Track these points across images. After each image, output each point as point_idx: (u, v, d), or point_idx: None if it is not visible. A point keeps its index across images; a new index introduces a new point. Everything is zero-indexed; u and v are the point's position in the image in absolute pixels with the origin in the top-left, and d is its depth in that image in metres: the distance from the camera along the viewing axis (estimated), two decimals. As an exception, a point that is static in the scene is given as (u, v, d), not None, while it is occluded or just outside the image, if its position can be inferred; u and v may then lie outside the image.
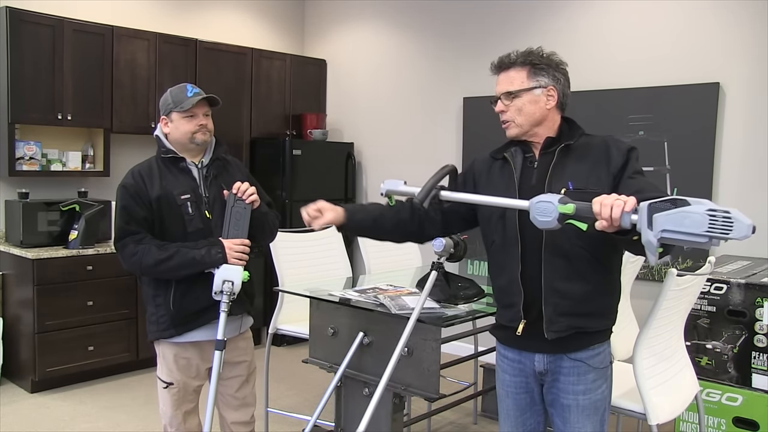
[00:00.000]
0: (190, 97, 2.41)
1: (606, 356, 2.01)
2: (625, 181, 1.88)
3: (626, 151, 1.93)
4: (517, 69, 1.97)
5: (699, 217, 1.49)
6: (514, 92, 1.96)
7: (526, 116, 1.96)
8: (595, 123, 4.37)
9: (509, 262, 1.98)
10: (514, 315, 1.99)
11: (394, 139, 5.63)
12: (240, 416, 2.62)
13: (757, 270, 3.37)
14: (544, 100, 1.96)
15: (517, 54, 1.99)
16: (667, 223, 1.52)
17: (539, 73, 1.96)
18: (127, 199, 2.39)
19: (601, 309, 1.98)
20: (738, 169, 3.93)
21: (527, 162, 2.01)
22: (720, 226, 1.49)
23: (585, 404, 1.97)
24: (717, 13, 3.98)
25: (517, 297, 1.97)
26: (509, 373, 2.09)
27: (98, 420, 3.80)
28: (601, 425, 2.00)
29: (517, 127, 1.98)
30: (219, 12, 5.62)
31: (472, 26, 5.09)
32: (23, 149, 4.36)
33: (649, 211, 1.55)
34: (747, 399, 3.14)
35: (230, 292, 2.35)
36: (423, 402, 3.67)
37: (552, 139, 1.98)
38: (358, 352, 2.59)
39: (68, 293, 4.22)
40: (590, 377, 1.97)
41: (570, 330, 1.92)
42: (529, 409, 2.08)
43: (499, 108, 2.00)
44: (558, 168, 1.94)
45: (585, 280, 1.91)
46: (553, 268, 1.91)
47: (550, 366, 1.99)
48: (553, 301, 1.91)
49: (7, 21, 4.17)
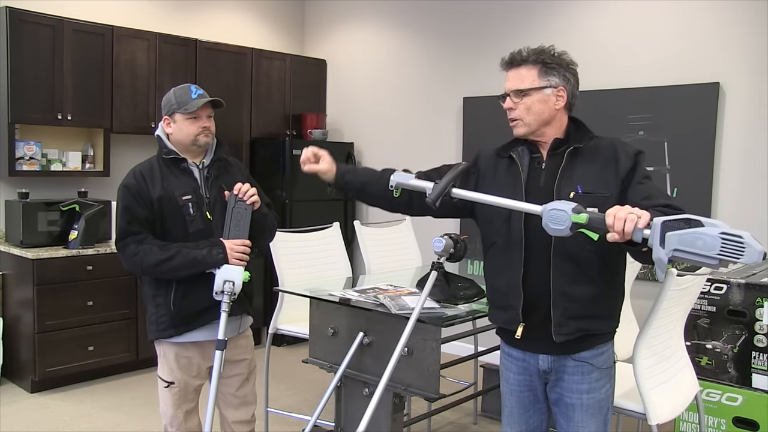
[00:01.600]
0: (194, 99, 2.41)
1: (610, 356, 2.01)
2: (635, 187, 1.87)
3: (634, 155, 1.92)
4: (528, 67, 1.95)
5: (711, 240, 1.51)
6: (524, 90, 1.94)
7: (534, 115, 1.95)
8: (595, 123, 4.33)
9: (511, 264, 1.97)
10: (511, 317, 1.99)
11: (394, 139, 5.63)
12: (240, 415, 2.62)
13: (757, 270, 3.36)
14: (553, 100, 1.95)
15: (529, 51, 1.97)
16: (679, 243, 1.54)
17: (550, 72, 1.95)
18: (129, 199, 2.39)
19: (608, 311, 1.98)
20: (738, 169, 3.93)
21: (534, 163, 2.00)
22: (731, 250, 1.50)
23: (589, 403, 1.97)
24: (717, 13, 3.98)
25: (515, 300, 1.96)
26: (513, 371, 2.09)
27: (98, 420, 3.80)
28: (604, 425, 2.00)
29: (525, 126, 1.97)
30: (219, 12, 5.62)
31: (472, 26, 5.09)
32: (23, 149, 4.36)
33: (662, 228, 1.56)
34: (747, 399, 3.14)
35: (231, 292, 2.35)
36: (423, 402, 3.68)
37: (560, 140, 1.97)
38: (358, 352, 2.59)
39: (68, 293, 4.22)
40: (594, 376, 1.97)
41: (578, 333, 1.92)
42: (532, 407, 2.08)
43: (508, 105, 1.98)
44: (567, 171, 1.93)
45: (593, 282, 1.90)
46: (561, 271, 1.90)
47: (555, 365, 1.99)
48: (562, 305, 1.91)
49: (7, 21, 4.17)
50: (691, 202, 4.04)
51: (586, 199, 1.83)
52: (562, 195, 1.89)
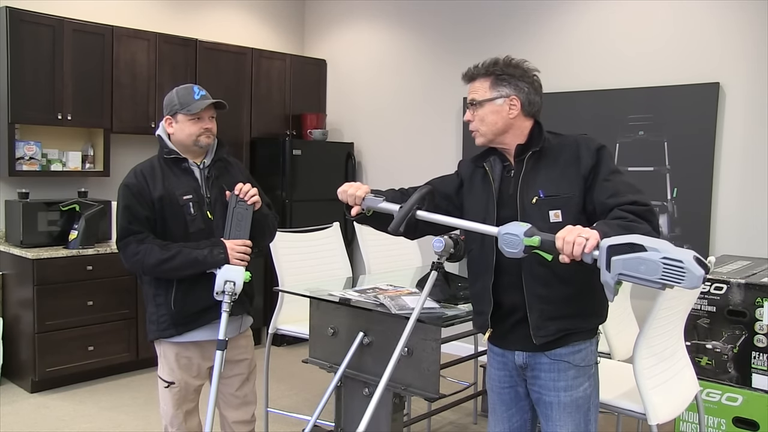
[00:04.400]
0: (197, 100, 2.41)
1: (589, 355, 2.02)
2: (600, 185, 1.89)
3: (596, 150, 1.94)
4: (481, 80, 2.02)
5: (654, 265, 1.55)
6: (477, 102, 2.01)
7: (489, 125, 2.00)
8: (595, 123, 4.39)
9: (484, 271, 2.02)
10: (483, 322, 2.05)
11: (394, 139, 5.63)
12: (241, 415, 2.62)
13: (757, 270, 3.37)
14: (506, 109, 1.99)
15: (483, 64, 2.02)
16: (624, 268, 1.59)
17: (501, 83, 1.99)
18: (130, 199, 2.39)
19: (587, 309, 2.00)
20: (738, 169, 3.93)
21: (505, 171, 2.04)
22: (672, 275, 1.55)
23: (566, 401, 1.98)
24: (717, 13, 3.98)
25: (486, 306, 2.02)
26: (494, 367, 2.14)
27: (98, 420, 3.80)
28: (585, 425, 2.00)
29: (481, 137, 2.03)
30: (219, 12, 5.62)
31: (472, 26, 5.09)
32: (23, 149, 4.36)
33: (608, 252, 1.60)
34: (747, 399, 3.14)
35: (232, 292, 2.35)
36: (423, 402, 3.68)
37: (522, 146, 2.01)
38: (358, 352, 2.60)
39: (68, 293, 4.22)
40: (571, 374, 1.98)
41: (559, 333, 1.95)
42: (515, 405, 2.11)
43: (467, 117, 2.06)
44: (529, 176, 1.96)
45: (566, 283, 1.93)
46: (534, 275, 1.93)
47: (530, 360, 2.02)
48: (538, 308, 1.94)
49: (7, 21, 4.17)
50: (691, 202, 4.04)
51: (549, 202, 1.89)
52: (526, 201, 1.94)
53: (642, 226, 1.78)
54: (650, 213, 1.84)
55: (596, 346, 2.05)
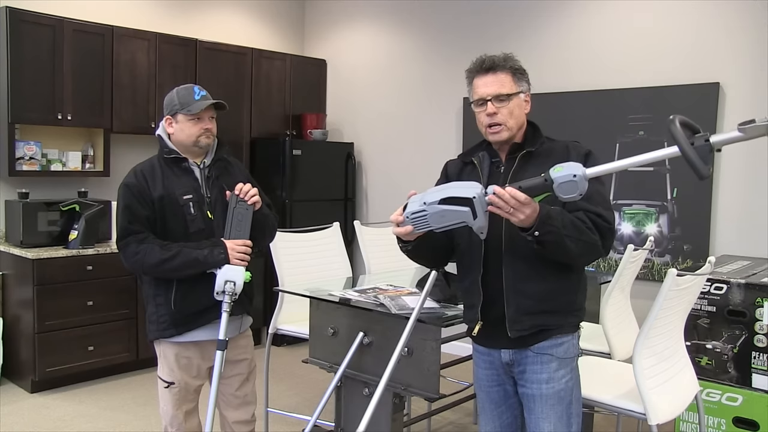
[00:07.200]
0: (198, 101, 2.41)
1: (571, 348, 2.03)
2: None
3: (584, 155, 1.96)
4: (502, 73, 1.98)
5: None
6: (507, 95, 1.97)
7: (516, 119, 1.99)
8: (595, 123, 4.39)
9: (472, 264, 2.03)
10: (473, 316, 2.06)
11: (394, 139, 5.63)
12: (241, 415, 2.62)
13: (757, 270, 3.37)
14: (524, 105, 2.01)
15: (500, 57, 2.00)
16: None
17: (521, 78, 2.00)
18: (130, 198, 2.39)
19: (565, 306, 2.01)
20: (738, 169, 3.93)
21: (494, 167, 2.05)
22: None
23: (548, 393, 2.00)
24: (717, 13, 3.98)
25: (476, 299, 2.02)
26: (481, 367, 2.15)
27: (98, 420, 3.80)
28: (567, 418, 2.01)
29: (508, 131, 1.99)
30: (219, 12, 5.62)
31: (472, 26, 5.09)
32: (23, 149, 4.36)
33: None
34: (747, 399, 3.14)
35: (232, 292, 2.35)
36: (423, 402, 3.68)
37: (517, 144, 2.02)
38: (358, 352, 2.60)
39: (68, 293, 4.22)
40: (553, 366, 2.00)
41: (533, 328, 1.97)
42: (504, 403, 2.12)
43: (491, 110, 1.97)
44: (518, 174, 1.97)
45: (544, 279, 1.95)
46: (514, 269, 1.95)
47: (516, 357, 2.03)
48: (515, 302, 1.96)
49: (7, 21, 4.17)
50: (691, 202, 4.04)
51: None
52: None
53: (593, 236, 1.82)
54: (609, 232, 1.88)
55: (578, 339, 2.08)
